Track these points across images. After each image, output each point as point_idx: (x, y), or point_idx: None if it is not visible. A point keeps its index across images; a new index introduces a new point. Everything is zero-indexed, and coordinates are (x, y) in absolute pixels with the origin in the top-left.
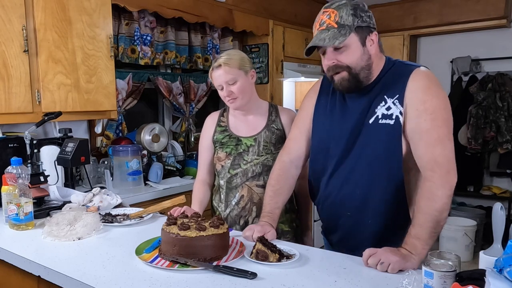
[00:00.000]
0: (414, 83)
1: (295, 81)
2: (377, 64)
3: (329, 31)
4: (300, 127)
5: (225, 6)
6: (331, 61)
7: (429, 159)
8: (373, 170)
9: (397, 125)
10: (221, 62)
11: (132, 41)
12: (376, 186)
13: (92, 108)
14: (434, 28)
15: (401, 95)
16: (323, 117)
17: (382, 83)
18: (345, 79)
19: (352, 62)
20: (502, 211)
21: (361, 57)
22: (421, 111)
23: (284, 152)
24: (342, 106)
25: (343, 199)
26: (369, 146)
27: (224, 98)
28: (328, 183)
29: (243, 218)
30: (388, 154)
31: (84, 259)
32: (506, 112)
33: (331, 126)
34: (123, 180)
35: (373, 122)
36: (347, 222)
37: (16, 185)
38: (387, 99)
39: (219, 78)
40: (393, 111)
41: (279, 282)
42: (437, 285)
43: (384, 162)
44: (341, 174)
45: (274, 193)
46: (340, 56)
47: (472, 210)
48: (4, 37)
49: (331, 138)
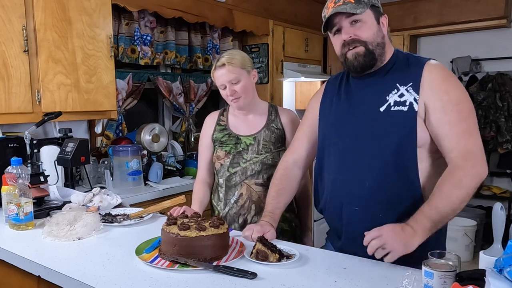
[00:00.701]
0: (432, 74)
1: (295, 81)
2: (389, 48)
3: (347, 4)
4: (305, 128)
5: (225, 6)
6: (349, 35)
7: (462, 149)
8: (384, 160)
9: (412, 112)
10: (224, 61)
11: (132, 41)
12: (388, 178)
13: (92, 108)
14: (434, 28)
15: (416, 83)
16: (328, 112)
17: (392, 72)
18: (361, 54)
19: (369, 37)
20: (502, 211)
21: (377, 34)
22: (446, 102)
23: (288, 152)
24: (348, 98)
25: (350, 194)
26: (380, 135)
27: (226, 97)
28: (335, 179)
29: (242, 216)
30: (402, 142)
31: (84, 259)
32: (506, 112)
33: (335, 120)
34: (123, 180)
35: (384, 110)
36: (355, 218)
37: (16, 185)
38: (399, 87)
39: (222, 77)
40: (407, 98)
41: (279, 282)
42: (437, 285)
43: (397, 150)
44: (349, 166)
45: (277, 193)
46: (357, 31)
47: (472, 210)
48: (4, 37)
49: (335, 133)
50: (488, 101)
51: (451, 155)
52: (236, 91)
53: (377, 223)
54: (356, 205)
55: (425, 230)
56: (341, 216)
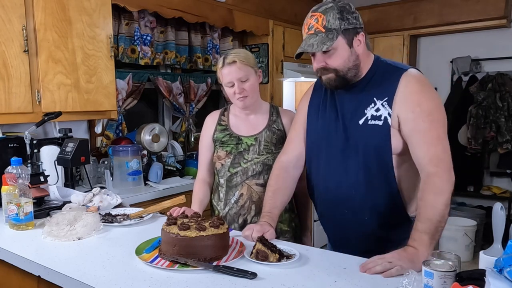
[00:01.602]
0: (407, 88)
1: (295, 81)
2: (366, 62)
3: (317, 35)
4: (296, 128)
5: (225, 6)
6: (320, 64)
7: (432, 156)
8: (366, 170)
9: (386, 125)
10: (235, 58)
11: (132, 41)
12: (370, 185)
13: (92, 108)
14: (434, 28)
15: (391, 97)
16: (315, 118)
17: (371, 84)
18: (332, 79)
19: (339, 65)
20: (502, 211)
21: (348, 59)
22: (418, 113)
23: (282, 153)
24: (333, 108)
25: (339, 198)
26: (360, 146)
27: (233, 96)
28: (324, 183)
29: (242, 216)
30: (378, 152)
31: (84, 259)
32: (506, 112)
33: (323, 127)
34: (123, 180)
35: (363, 123)
36: (345, 219)
37: (16, 185)
38: (376, 101)
39: (230, 75)
40: (382, 113)
41: (279, 282)
42: (437, 285)
43: (376, 160)
44: (335, 174)
45: (273, 193)
46: (328, 59)
47: (472, 210)
48: (4, 37)
49: (323, 139)
50: (488, 101)
51: (423, 162)
52: (244, 89)
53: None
54: (345, 209)
55: (425, 244)
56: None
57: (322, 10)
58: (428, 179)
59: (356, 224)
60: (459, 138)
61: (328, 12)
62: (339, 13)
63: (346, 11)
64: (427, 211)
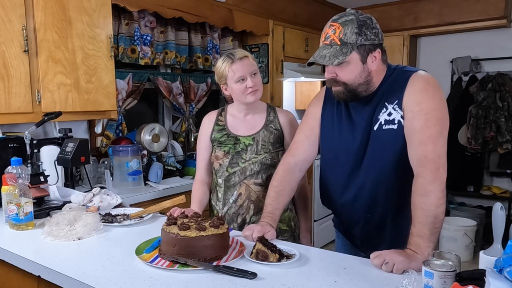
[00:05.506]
0: (412, 87)
1: (295, 81)
2: (378, 78)
3: (331, 47)
4: (306, 131)
5: (225, 6)
6: (331, 74)
7: (420, 156)
8: (386, 176)
9: (400, 129)
10: (246, 53)
11: (132, 41)
12: (392, 189)
13: (92, 108)
14: (434, 28)
15: (400, 100)
16: (331, 127)
17: (383, 91)
18: (341, 92)
19: (349, 79)
20: (502, 211)
21: (360, 75)
22: (416, 112)
23: (288, 154)
24: (348, 117)
25: (361, 206)
26: (378, 153)
27: (244, 91)
28: (344, 193)
29: (240, 216)
30: (396, 157)
31: (84, 259)
32: (506, 112)
33: (340, 137)
34: (123, 180)
35: (377, 128)
36: (369, 222)
37: (16, 185)
38: (387, 105)
39: (244, 69)
40: (395, 116)
41: (279, 282)
42: (437, 285)
43: (395, 165)
44: (355, 183)
45: (277, 194)
46: (339, 71)
47: (472, 210)
48: (4, 37)
49: (341, 149)
50: (488, 101)
51: (412, 162)
52: (256, 83)
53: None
54: (367, 213)
55: (421, 248)
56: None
57: (341, 22)
58: (415, 180)
59: (381, 225)
60: (459, 138)
61: (347, 24)
62: (357, 28)
63: (366, 26)
64: (417, 214)
